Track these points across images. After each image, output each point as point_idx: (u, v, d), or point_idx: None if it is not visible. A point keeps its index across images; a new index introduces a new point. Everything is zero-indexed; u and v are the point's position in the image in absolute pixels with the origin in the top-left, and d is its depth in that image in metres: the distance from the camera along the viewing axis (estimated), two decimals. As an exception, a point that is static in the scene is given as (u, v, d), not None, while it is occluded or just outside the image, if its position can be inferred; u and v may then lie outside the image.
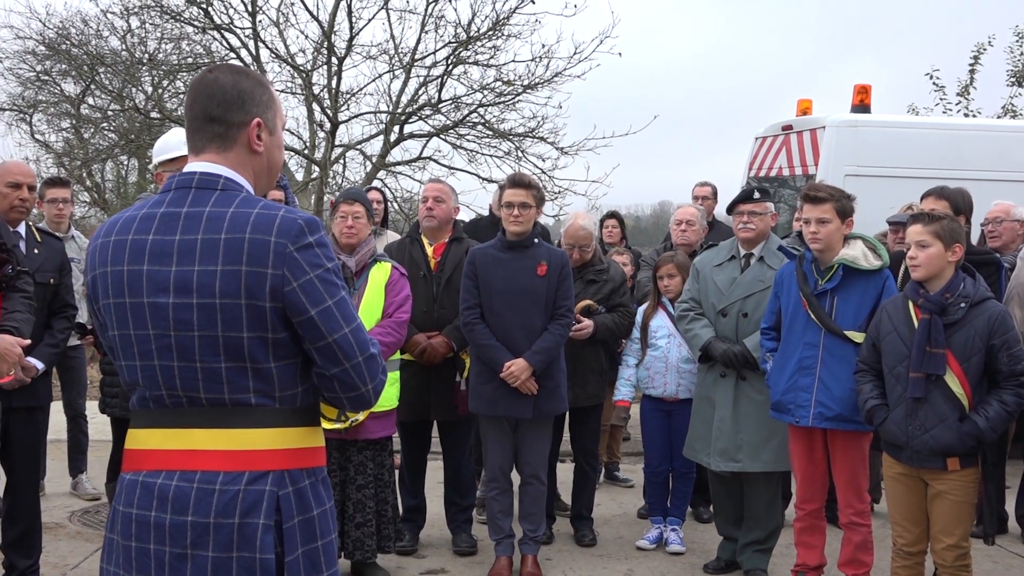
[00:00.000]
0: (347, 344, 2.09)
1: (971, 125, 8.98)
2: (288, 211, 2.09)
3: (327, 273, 2.09)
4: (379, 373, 2.17)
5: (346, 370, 2.11)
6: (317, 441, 2.22)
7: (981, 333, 3.91)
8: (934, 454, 3.95)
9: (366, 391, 2.16)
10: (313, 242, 2.07)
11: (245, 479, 2.06)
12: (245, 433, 2.08)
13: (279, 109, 2.24)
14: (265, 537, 2.05)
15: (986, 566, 5.30)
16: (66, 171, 15.89)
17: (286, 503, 2.08)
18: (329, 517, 2.20)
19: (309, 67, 13.75)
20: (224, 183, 2.12)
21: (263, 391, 2.09)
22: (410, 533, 5.42)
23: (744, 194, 5.00)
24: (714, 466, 4.90)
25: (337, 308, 2.09)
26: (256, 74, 2.27)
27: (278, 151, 2.25)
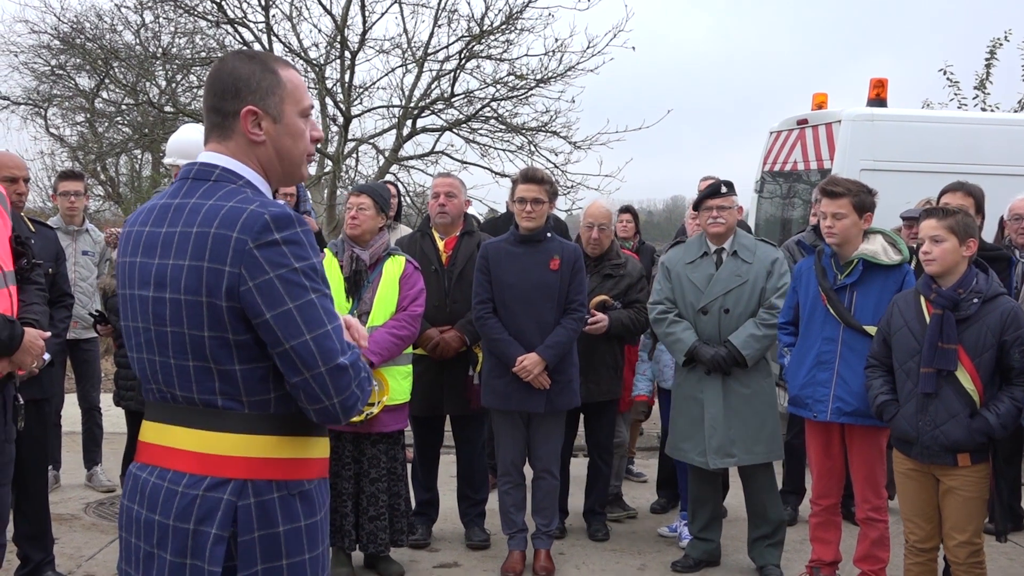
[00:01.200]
0: (306, 352, 1.93)
1: (988, 119, 8.91)
2: (262, 204, 1.96)
3: (292, 273, 1.93)
4: (348, 387, 1.97)
5: (307, 380, 1.95)
6: (301, 452, 2.06)
7: (993, 329, 3.88)
8: (944, 450, 3.93)
9: (330, 405, 1.97)
10: (279, 239, 1.93)
11: (205, 484, 1.98)
12: (212, 436, 2.00)
13: (291, 94, 2.09)
14: (215, 548, 1.95)
15: (1002, 563, 5.27)
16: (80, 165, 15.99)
17: (244, 515, 1.97)
18: (304, 535, 2.04)
19: (322, 61, 13.75)
20: (219, 174, 2.05)
21: (229, 394, 1.99)
22: (423, 527, 5.43)
23: (711, 189, 4.97)
24: (710, 464, 4.86)
25: (299, 312, 1.93)
26: (265, 57, 2.13)
27: (290, 138, 2.10)
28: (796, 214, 8.27)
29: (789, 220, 8.41)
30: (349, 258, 4.84)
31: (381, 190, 5.09)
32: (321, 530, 2.10)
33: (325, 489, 2.16)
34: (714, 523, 5.14)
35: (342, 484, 4.77)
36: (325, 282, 2.02)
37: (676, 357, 4.99)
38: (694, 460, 4.95)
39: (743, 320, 4.85)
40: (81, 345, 6.32)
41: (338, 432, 4.75)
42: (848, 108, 7.62)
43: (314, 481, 2.10)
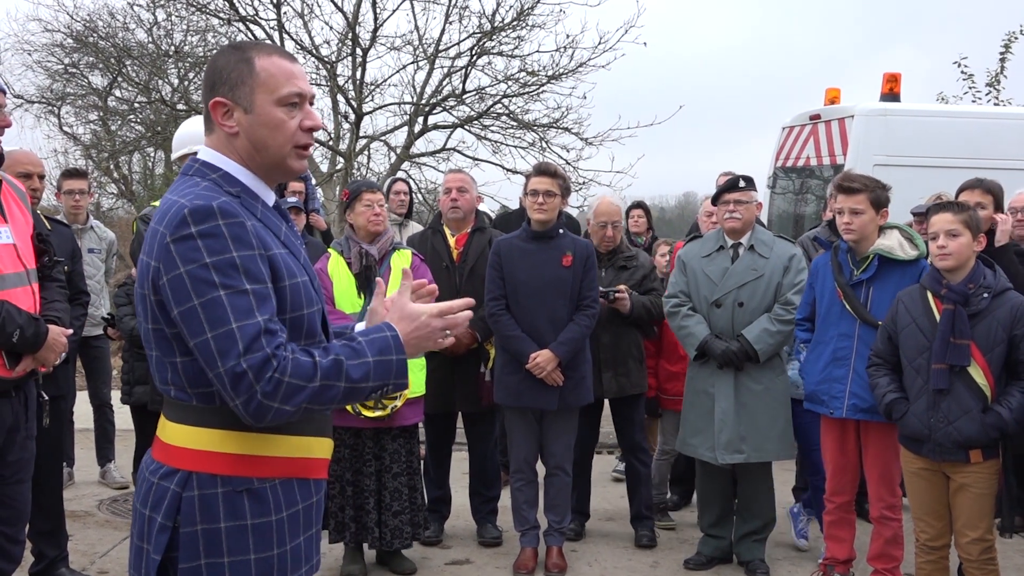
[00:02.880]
0: (207, 351, 1.89)
1: (1002, 114, 8.85)
2: (194, 197, 1.95)
3: (201, 269, 1.89)
4: (247, 391, 1.88)
5: (212, 378, 1.92)
6: (252, 449, 2.01)
7: (1004, 323, 3.88)
8: (957, 447, 3.90)
9: (234, 405, 1.91)
10: (195, 233, 1.90)
11: (161, 472, 2.03)
12: (170, 426, 2.05)
13: (265, 82, 2.03)
14: (159, 536, 1.98)
15: (1017, 560, 5.24)
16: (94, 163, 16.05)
17: (188, 507, 1.97)
18: (250, 535, 1.99)
19: (334, 58, 13.77)
20: (197, 168, 2.07)
21: (178, 385, 2.01)
22: (435, 524, 5.43)
23: (729, 183, 4.95)
24: (719, 459, 4.84)
25: (203, 309, 1.88)
26: (248, 47, 2.09)
27: (265, 129, 2.04)
28: (809, 210, 8.24)
29: (802, 216, 8.38)
30: (358, 255, 4.84)
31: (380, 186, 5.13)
32: (278, 532, 2.03)
33: (299, 490, 2.09)
34: (725, 520, 5.12)
35: (364, 481, 4.77)
36: (254, 278, 1.93)
37: (688, 351, 4.97)
38: (703, 455, 4.93)
39: (757, 315, 4.82)
40: (92, 342, 6.34)
41: (358, 429, 4.75)
42: (861, 103, 7.59)
43: (271, 480, 2.03)
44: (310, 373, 1.92)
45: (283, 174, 2.13)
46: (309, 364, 1.93)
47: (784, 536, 5.58)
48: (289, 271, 2.03)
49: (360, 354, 1.98)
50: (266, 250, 1.98)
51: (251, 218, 2.00)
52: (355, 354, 1.98)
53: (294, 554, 2.08)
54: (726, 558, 5.13)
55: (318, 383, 1.92)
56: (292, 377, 1.90)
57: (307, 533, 2.13)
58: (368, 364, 1.98)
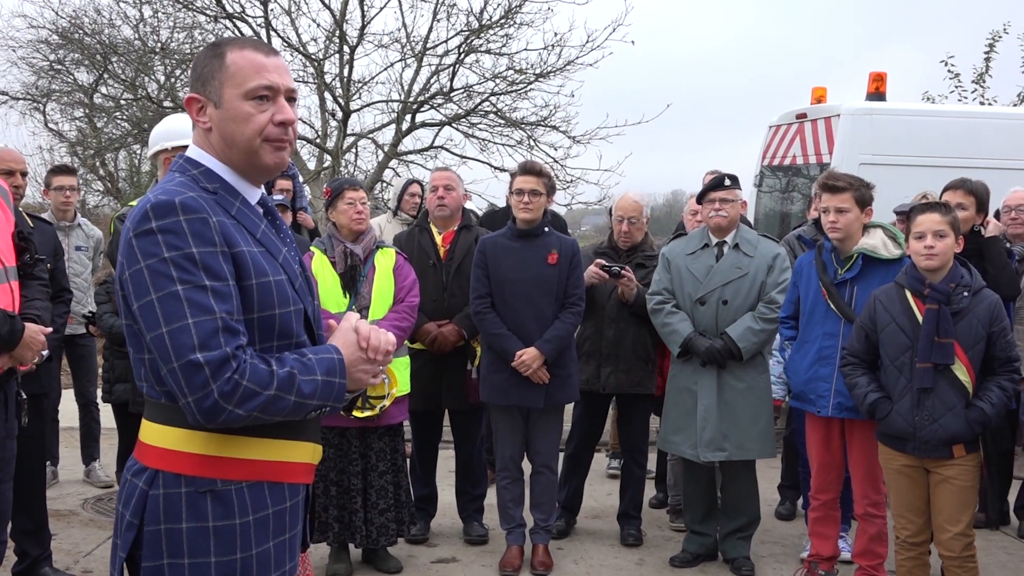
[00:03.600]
0: (161, 346, 1.86)
1: (987, 113, 8.89)
2: (161, 192, 1.94)
3: (160, 264, 1.87)
4: (203, 386, 1.84)
5: (166, 375, 1.89)
6: (218, 450, 1.98)
7: (983, 321, 3.95)
8: (943, 443, 3.95)
9: (185, 403, 1.87)
10: (155, 228, 1.88)
11: (133, 469, 2.03)
12: (144, 424, 2.05)
13: (233, 76, 2.01)
14: (127, 534, 1.98)
15: (1000, 557, 5.27)
16: (79, 160, 15.96)
17: (153, 505, 1.96)
18: (212, 537, 1.96)
19: (321, 56, 13.74)
20: (180, 164, 2.07)
21: (149, 382, 2.00)
22: (421, 522, 5.42)
23: (715, 182, 4.96)
24: (701, 457, 4.85)
25: (160, 304, 1.86)
26: (224, 42, 2.08)
27: (232, 123, 2.02)
28: (795, 208, 8.26)
29: (788, 214, 8.41)
30: (342, 254, 4.82)
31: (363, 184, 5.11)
32: (242, 536, 1.99)
33: (270, 494, 2.05)
34: (709, 517, 5.14)
35: (350, 480, 4.77)
36: (213, 274, 1.90)
37: (671, 348, 4.98)
38: (685, 452, 4.94)
39: (741, 313, 4.83)
40: (77, 341, 6.31)
41: (343, 428, 4.75)
42: (847, 102, 7.61)
43: (236, 483, 1.99)
44: (266, 381, 1.90)
45: (259, 170, 2.09)
46: (266, 371, 1.90)
47: (769, 534, 5.61)
48: (258, 270, 1.99)
49: (311, 371, 1.96)
50: (231, 247, 1.95)
51: (222, 215, 1.97)
52: (307, 370, 1.96)
53: (261, 559, 2.03)
54: (711, 555, 5.14)
55: (272, 392, 1.90)
56: (249, 381, 1.87)
57: (278, 539, 2.07)
58: (317, 382, 1.97)
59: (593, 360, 5.27)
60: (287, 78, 2.08)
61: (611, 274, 5.17)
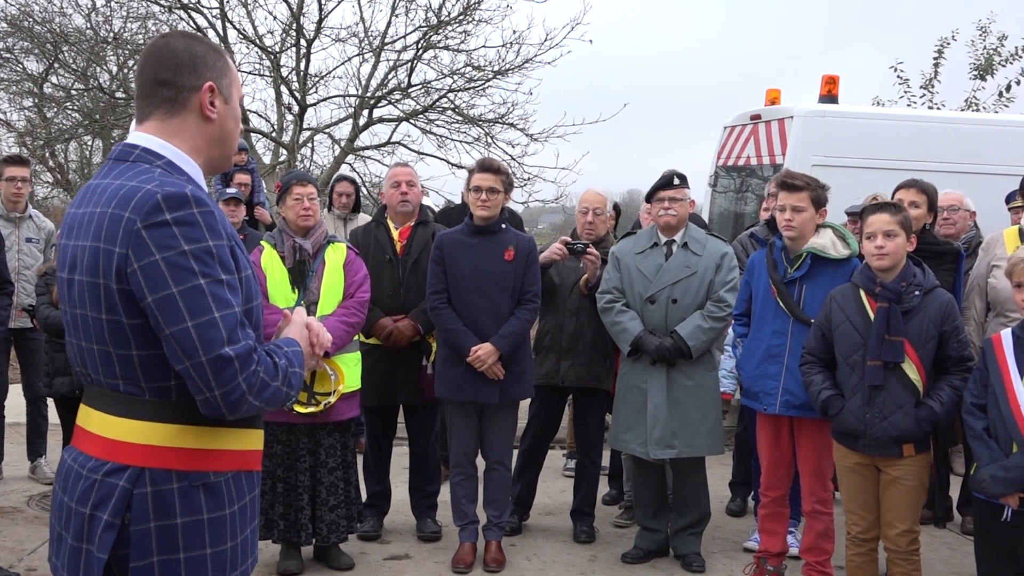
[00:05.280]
0: (187, 340, 1.86)
1: (936, 117, 9.04)
2: (160, 184, 1.91)
3: (180, 256, 1.86)
4: (232, 380, 1.87)
5: (187, 369, 1.88)
6: (207, 443, 2.00)
7: (935, 320, 4.00)
8: (892, 441, 4.01)
9: (211, 396, 1.88)
10: (170, 220, 1.87)
11: (105, 469, 1.96)
12: (116, 421, 1.98)
13: (236, 80, 2.14)
14: (104, 535, 1.92)
15: (944, 552, 5.38)
16: (28, 151, 15.64)
17: (140, 503, 1.92)
18: (206, 529, 1.98)
19: (277, 49, 13.61)
20: (138, 154, 2.02)
21: (130, 379, 1.96)
22: (374, 519, 5.40)
23: (664, 180, 5.00)
24: (651, 455, 4.89)
25: (182, 297, 1.85)
26: (211, 41, 2.17)
27: (233, 122, 2.13)
28: (749, 208, 8.34)
29: (742, 214, 8.49)
30: (291, 249, 4.79)
31: (313, 178, 5.08)
32: (231, 525, 2.03)
33: (245, 483, 2.09)
34: (661, 513, 5.18)
35: (298, 477, 4.73)
36: (227, 268, 1.94)
37: (621, 347, 5.00)
38: (635, 450, 4.97)
39: (690, 311, 4.88)
40: (26, 334, 6.19)
41: (292, 424, 4.72)
42: (800, 104, 7.71)
43: (224, 474, 2.03)
44: (273, 372, 1.97)
45: (225, 166, 2.21)
46: (271, 363, 1.97)
47: (720, 530, 5.67)
48: (244, 263, 2.06)
49: (293, 363, 2.06)
50: (231, 240, 2.00)
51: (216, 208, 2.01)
52: (291, 363, 2.05)
53: (243, 546, 2.09)
54: (663, 552, 5.19)
55: (279, 383, 1.98)
56: (265, 373, 1.94)
57: (252, 524, 2.14)
58: (298, 375, 2.07)
59: (553, 353, 5.29)
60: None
61: (573, 250, 5.19)
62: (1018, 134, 7.86)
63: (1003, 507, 3.66)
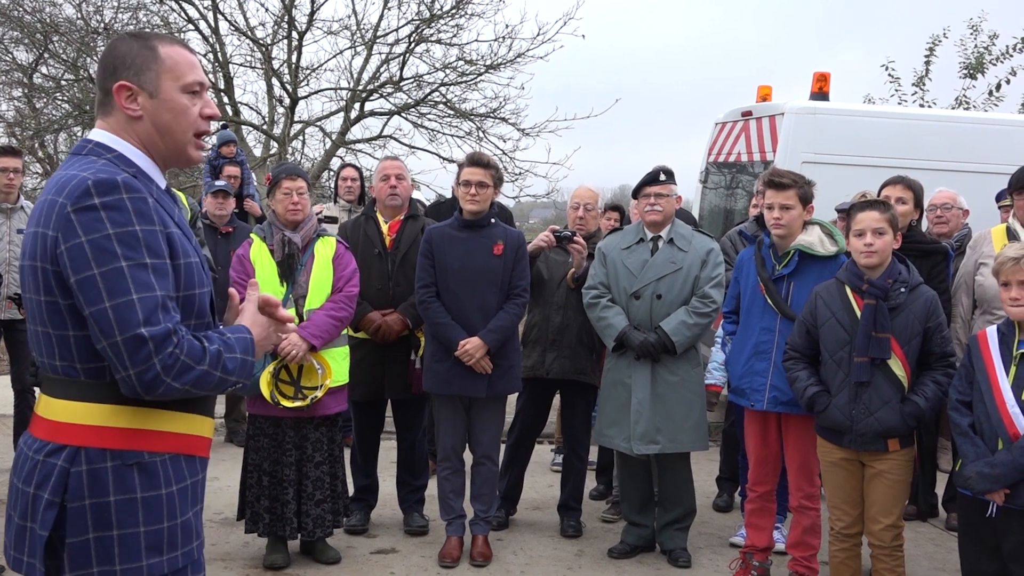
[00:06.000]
0: (104, 319, 1.92)
1: (927, 115, 9.05)
2: (96, 171, 1.99)
3: (105, 239, 1.93)
4: (146, 360, 1.93)
5: (105, 348, 1.95)
6: (143, 423, 2.05)
7: (920, 316, 4.04)
8: (878, 436, 4.04)
9: (126, 376, 1.94)
10: (98, 204, 1.94)
11: (46, 450, 2.04)
12: (56, 402, 2.06)
13: (171, 69, 2.11)
14: (46, 513, 2.00)
15: (928, 548, 5.40)
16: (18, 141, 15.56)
17: (76, 482, 1.99)
18: (140, 508, 2.03)
19: (269, 41, 13.58)
20: (91, 148, 2.11)
21: (67, 360, 2.03)
22: (361, 513, 5.40)
23: (650, 176, 5.01)
24: (635, 450, 4.89)
25: (103, 278, 1.92)
26: (149, 36, 2.16)
27: (169, 114, 2.12)
28: (740, 205, 8.35)
29: (732, 211, 8.50)
30: (280, 242, 4.77)
31: (304, 171, 5.07)
32: (167, 505, 2.07)
33: (187, 466, 2.13)
34: (647, 508, 5.19)
35: (284, 471, 4.72)
36: (154, 252, 1.98)
37: (606, 342, 5.01)
38: (619, 446, 4.98)
39: (675, 307, 4.88)
40: (16, 326, 6.17)
41: (278, 418, 4.71)
42: (791, 101, 7.71)
43: (161, 455, 2.07)
44: (200, 356, 2.00)
45: (181, 160, 2.20)
46: (199, 348, 2.01)
47: (707, 525, 5.69)
48: (184, 251, 2.09)
49: (232, 349, 2.09)
50: (165, 227, 2.04)
51: (151, 196, 2.05)
52: (229, 348, 2.08)
53: (184, 528, 2.12)
54: (649, 547, 5.20)
55: (205, 367, 2.01)
56: (187, 356, 1.98)
57: (195, 508, 2.17)
58: (237, 360, 2.10)
59: (539, 346, 5.30)
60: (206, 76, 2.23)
61: (560, 239, 5.19)
62: (1008, 132, 7.88)
63: (988, 503, 3.68)
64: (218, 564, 4.81)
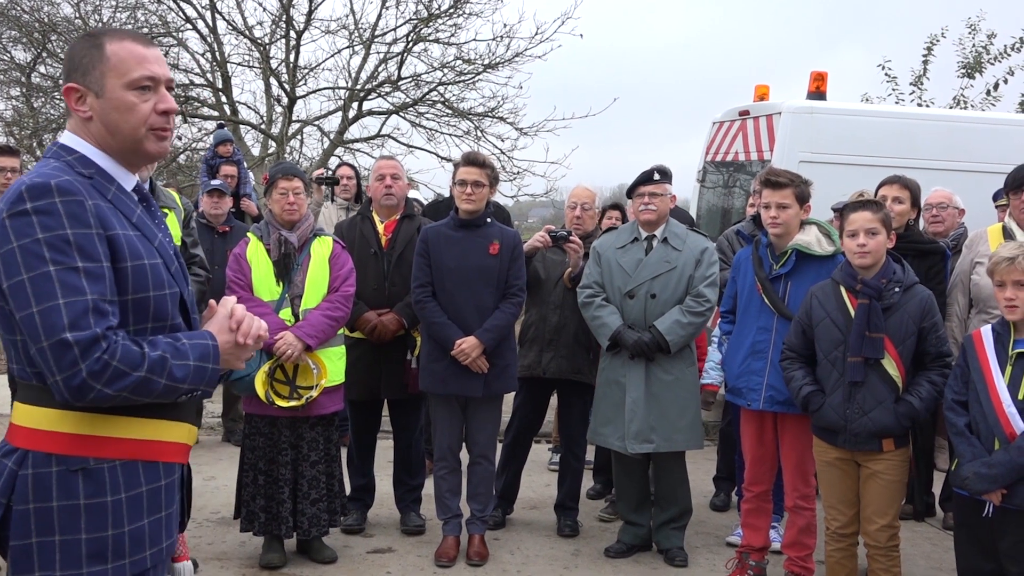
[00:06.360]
0: (31, 325, 1.91)
1: (924, 115, 9.06)
2: (36, 175, 1.97)
3: (35, 244, 1.91)
4: (72, 365, 1.89)
5: (35, 354, 1.93)
6: (90, 429, 2.02)
7: (914, 316, 4.03)
8: (872, 436, 4.04)
9: (54, 381, 1.91)
10: (30, 209, 1.93)
11: (3, 450, 2.05)
12: (17, 405, 2.07)
13: (116, 66, 2.07)
14: None
15: (925, 548, 5.40)
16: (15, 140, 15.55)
17: (22, 485, 1.98)
18: (83, 515, 2.00)
19: (267, 40, 13.57)
20: (55, 151, 2.11)
21: (20, 363, 2.04)
22: (358, 512, 5.40)
23: (644, 176, 5.01)
24: (629, 449, 4.89)
25: (31, 283, 1.90)
26: (100, 33, 2.13)
27: (116, 113, 2.08)
28: (737, 204, 8.35)
29: (730, 210, 8.50)
30: (277, 241, 4.77)
31: (301, 171, 5.06)
32: (113, 513, 2.03)
33: (144, 472, 2.09)
34: (643, 507, 5.19)
35: (279, 471, 4.72)
36: (87, 256, 1.94)
37: (601, 341, 5.01)
38: (613, 445, 4.98)
39: (669, 306, 4.88)
40: None
41: (274, 418, 4.71)
42: (788, 101, 7.71)
43: (109, 461, 2.04)
44: (137, 362, 1.95)
45: (141, 157, 2.16)
46: (137, 353, 1.96)
47: (704, 524, 5.69)
48: (134, 252, 2.04)
49: (183, 355, 2.03)
50: (106, 230, 2.00)
51: (98, 198, 2.02)
52: (179, 354, 2.02)
53: (134, 536, 2.07)
54: (646, 546, 5.20)
55: (143, 373, 1.96)
56: (120, 362, 1.93)
57: (153, 516, 2.12)
58: (189, 367, 2.03)
59: (536, 345, 5.30)
60: (166, 68, 2.16)
61: (556, 238, 5.20)
62: (1005, 131, 7.89)
63: (984, 503, 3.68)
64: (214, 563, 4.81)
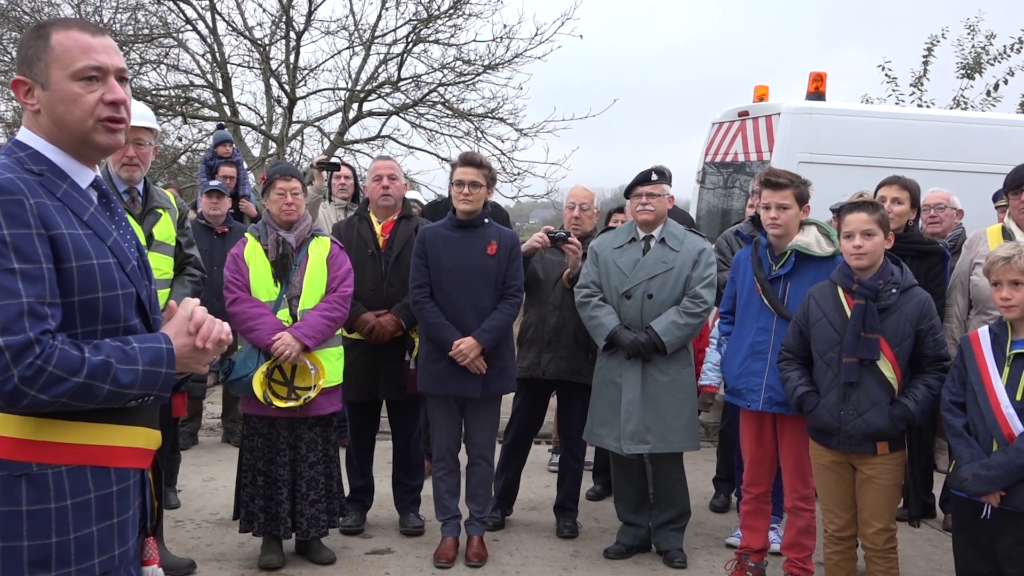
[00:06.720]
0: None
1: (923, 115, 9.04)
2: None
3: None
4: (4, 372, 1.84)
5: None
6: (35, 433, 1.97)
7: (911, 318, 4.01)
8: (866, 438, 4.02)
9: None
10: None
11: None
12: None
13: (60, 57, 2.02)
14: None
15: (925, 549, 5.40)
16: (16, 142, 15.54)
17: None
18: (24, 521, 1.94)
19: (267, 41, 13.58)
20: (8, 147, 2.06)
21: None
22: (357, 513, 5.40)
23: (642, 176, 5.01)
24: (625, 449, 4.88)
25: None
26: (48, 23, 2.08)
27: (61, 105, 2.02)
28: (737, 205, 8.34)
29: (729, 210, 8.50)
30: (274, 242, 4.77)
31: (298, 171, 5.06)
32: (57, 520, 1.97)
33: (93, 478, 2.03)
34: (642, 508, 5.18)
35: (278, 471, 4.72)
36: (24, 257, 1.89)
37: (597, 341, 5.00)
38: (609, 445, 4.97)
39: (666, 307, 4.88)
40: None
41: (272, 418, 4.71)
42: (787, 101, 7.71)
43: (54, 467, 1.98)
44: (76, 367, 1.90)
45: (92, 150, 2.09)
46: (77, 358, 1.90)
47: (703, 526, 5.68)
48: (80, 252, 1.98)
49: (132, 360, 1.97)
50: (49, 229, 1.94)
51: (44, 196, 1.96)
52: (126, 358, 1.97)
53: (82, 543, 2.01)
54: (645, 547, 5.20)
55: (82, 379, 1.90)
56: (56, 368, 1.87)
57: (104, 523, 2.05)
58: (137, 372, 1.97)
59: (535, 346, 5.30)
60: (116, 58, 2.08)
61: (554, 239, 5.19)
62: (1004, 132, 7.88)
63: (982, 504, 3.67)
64: (213, 564, 4.81)
